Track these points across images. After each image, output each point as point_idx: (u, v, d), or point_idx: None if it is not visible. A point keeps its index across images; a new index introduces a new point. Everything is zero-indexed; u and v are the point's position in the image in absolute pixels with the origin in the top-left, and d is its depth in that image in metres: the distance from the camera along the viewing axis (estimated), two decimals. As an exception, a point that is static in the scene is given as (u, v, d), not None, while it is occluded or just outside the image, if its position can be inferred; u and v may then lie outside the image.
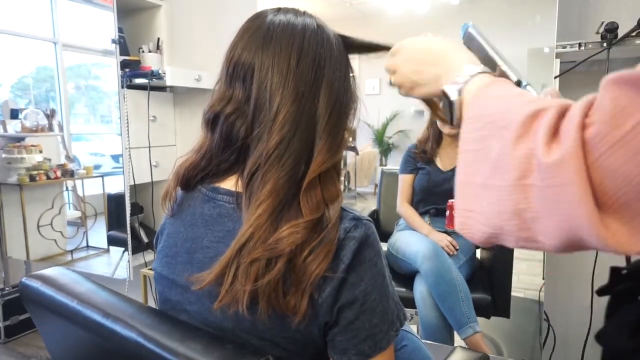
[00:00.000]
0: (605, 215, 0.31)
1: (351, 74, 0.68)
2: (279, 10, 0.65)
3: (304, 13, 0.66)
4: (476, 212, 0.41)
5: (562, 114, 0.35)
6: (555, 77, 1.53)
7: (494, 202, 0.38)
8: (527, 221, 0.36)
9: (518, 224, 0.36)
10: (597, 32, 1.47)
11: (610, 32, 1.42)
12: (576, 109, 0.33)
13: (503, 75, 0.68)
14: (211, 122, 0.64)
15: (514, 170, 0.36)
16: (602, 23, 1.45)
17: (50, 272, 0.71)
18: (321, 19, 0.67)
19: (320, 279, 0.55)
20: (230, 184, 0.63)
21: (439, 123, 1.77)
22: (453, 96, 0.51)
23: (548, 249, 0.36)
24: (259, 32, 0.62)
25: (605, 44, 1.44)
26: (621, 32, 1.42)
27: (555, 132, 0.34)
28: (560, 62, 1.52)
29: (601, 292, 0.48)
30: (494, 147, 0.39)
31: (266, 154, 0.58)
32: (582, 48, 1.48)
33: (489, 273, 1.68)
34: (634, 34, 1.40)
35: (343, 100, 0.64)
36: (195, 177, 0.66)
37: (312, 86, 0.60)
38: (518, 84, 0.68)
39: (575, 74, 1.58)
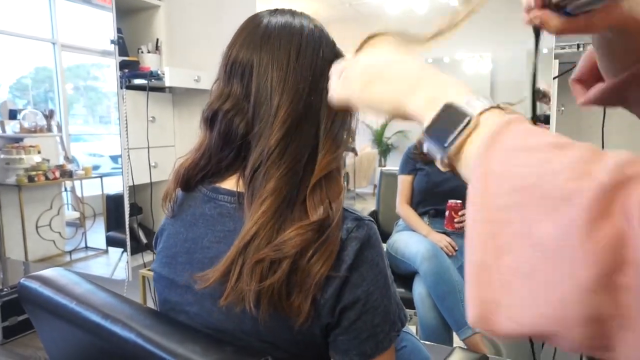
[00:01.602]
0: None
1: None
2: (275, 11, 0.66)
3: (301, 14, 0.66)
4: (508, 305, 0.30)
5: None
6: (554, 78, 1.53)
7: (553, 301, 0.28)
8: (612, 329, 0.26)
9: (593, 331, 0.27)
10: (596, 33, 1.47)
11: (608, 33, 1.43)
12: None
13: None
14: (210, 120, 0.64)
15: (592, 266, 0.26)
16: (601, 24, 1.45)
17: (49, 273, 0.71)
18: (319, 21, 0.67)
19: (323, 280, 0.55)
20: (231, 183, 0.63)
21: None
22: (451, 135, 0.36)
23: None
24: (257, 31, 0.63)
25: (603, 45, 1.44)
26: (620, 33, 1.42)
27: None
28: (559, 63, 1.52)
29: None
30: (541, 226, 0.29)
31: (268, 151, 0.58)
32: (581, 49, 1.49)
33: (488, 274, 1.67)
34: (632, 35, 1.41)
35: None
36: (195, 176, 0.66)
37: (312, 83, 0.60)
38: None
39: (574, 74, 1.58)
